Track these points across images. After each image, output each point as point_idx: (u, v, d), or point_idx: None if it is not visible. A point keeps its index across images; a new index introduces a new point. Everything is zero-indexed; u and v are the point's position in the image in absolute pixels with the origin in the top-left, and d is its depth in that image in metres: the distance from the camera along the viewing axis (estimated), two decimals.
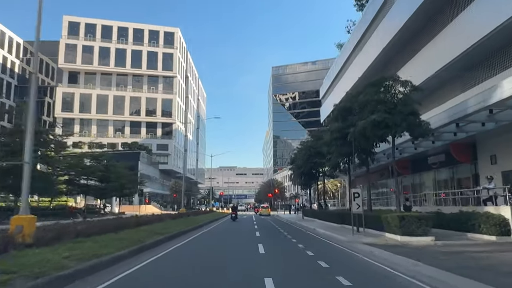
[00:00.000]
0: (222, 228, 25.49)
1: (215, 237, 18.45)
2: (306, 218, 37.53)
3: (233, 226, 27.78)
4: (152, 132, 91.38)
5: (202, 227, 24.99)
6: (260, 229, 24.05)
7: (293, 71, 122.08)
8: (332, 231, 19.51)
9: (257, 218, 41.53)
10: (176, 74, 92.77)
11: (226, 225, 29.07)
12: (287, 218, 40.74)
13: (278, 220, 37.42)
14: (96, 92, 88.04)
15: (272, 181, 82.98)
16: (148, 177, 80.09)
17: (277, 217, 47.15)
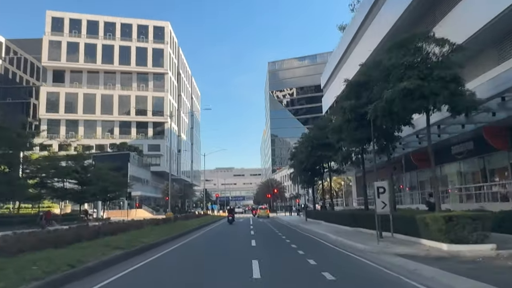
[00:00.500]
0: (210, 235, 21.50)
1: (195, 250, 14.46)
2: (310, 220, 33.57)
3: (225, 232, 23.87)
4: (143, 133, 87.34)
5: (187, 234, 21.02)
6: (257, 235, 20.12)
7: (290, 66, 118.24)
8: (347, 237, 15.55)
9: (255, 221, 37.57)
10: (167, 70, 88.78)
11: (216, 231, 25.09)
12: (288, 220, 36.76)
13: (278, 223, 33.44)
14: (82, 91, 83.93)
15: (271, 181, 79.00)
16: (139, 180, 76.05)
17: (277, 219, 43.22)
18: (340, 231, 19.21)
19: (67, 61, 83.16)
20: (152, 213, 68.09)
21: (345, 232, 18.76)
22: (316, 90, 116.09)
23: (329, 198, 34.09)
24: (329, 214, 26.80)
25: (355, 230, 19.12)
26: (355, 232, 18.42)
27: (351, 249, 12.61)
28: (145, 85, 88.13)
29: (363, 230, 18.10)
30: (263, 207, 50.72)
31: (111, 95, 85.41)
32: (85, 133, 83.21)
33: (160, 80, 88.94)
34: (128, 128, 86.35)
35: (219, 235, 21.28)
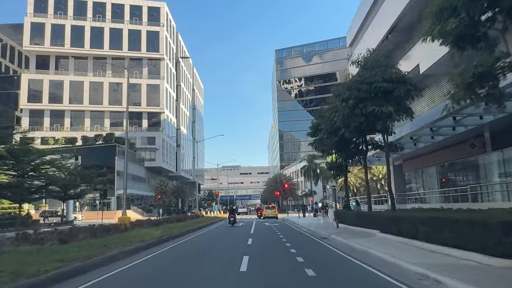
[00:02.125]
0: (154, 264, 10.65)
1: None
2: (346, 226, 21.85)
3: (190, 253, 13.00)
4: (137, 124, 77.08)
5: (109, 263, 10.20)
6: (253, 266, 9.18)
7: (299, 53, 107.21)
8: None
9: (259, 226, 26.84)
10: (164, 55, 78.43)
11: (179, 251, 14.29)
12: (305, 224, 25.73)
13: (292, 231, 22.40)
14: (69, 79, 74.00)
15: (280, 176, 68.04)
16: (128, 176, 65.61)
17: (288, 222, 32.38)
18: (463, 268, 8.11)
19: (51, 46, 73.35)
20: (142, 214, 57.68)
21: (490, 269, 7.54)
22: (327, 79, 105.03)
23: (374, 192, 22.83)
24: (390, 219, 14.21)
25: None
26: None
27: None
28: (139, 72, 77.87)
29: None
30: (271, 206, 39.85)
31: (100, 83, 75.38)
32: (72, 125, 73.30)
33: (155, 66, 78.67)
34: (119, 119, 76.20)
35: (173, 266, 10.34)
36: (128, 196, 66.05)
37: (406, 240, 11.26)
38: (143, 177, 73.23)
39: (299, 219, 35.28)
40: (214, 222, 31.65)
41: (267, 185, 70.90)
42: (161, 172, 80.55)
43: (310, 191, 57.02)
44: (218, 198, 73.79)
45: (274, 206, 39.62)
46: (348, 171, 48.53)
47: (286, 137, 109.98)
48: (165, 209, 63.31)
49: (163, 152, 76.81)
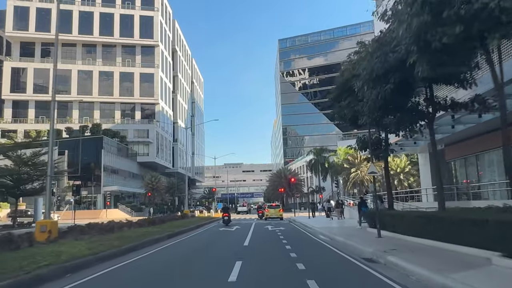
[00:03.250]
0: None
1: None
2: (395, 236, 13.97)
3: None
4: (129, 116, 70.29)
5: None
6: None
7: (303, 43, 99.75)
8: None
9: (259, 230, 19.72)
10: (158, 42, 71.51)
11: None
12: (324, 229, 18.35)
13: (306, 239, 14.80)
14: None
15: (284, 171, 60.67)
16: (116, 171, 58.85)
17: (296, 223, 25.26)
18: None
19: (36, 32, 66.66)
20: (130, 214, 50.79)
21: None
22: (334, 70, 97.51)
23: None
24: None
25: None
26: None
27: None
28: (132, 60, 71.04)
29: None
30: (274, 204, 32.68)
31: (90, 71, 68.58)
32: (59, 116, 66.42)
33: (149, 54, 71.75)
34: (111, 110, 69.46)
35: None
36: (117, 194, 59.40)
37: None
38: (135, 173, 66.43)
39: (309, 220, 28.13)
40: (202, 224, 24.54)
41: (270, 181, 63.51)
42: (157, 168, 73.67)
43: (318, 188, 49.89)
44: (215, 196, 66.54)
45: (278, 205, 32.46)
46: (362, 161, 40.84)
47: (290, 131, 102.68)
48: (158, 208, 56.36)
49: (157, 146, 69.94)
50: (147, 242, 12.77)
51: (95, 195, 54.84)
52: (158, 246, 12.74)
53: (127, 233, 15.19)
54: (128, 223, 18.27)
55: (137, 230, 16.50)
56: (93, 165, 55.37)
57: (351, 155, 48.99)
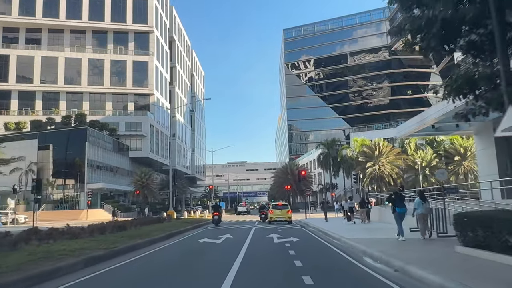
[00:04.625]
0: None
1: None
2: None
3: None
4: (122, 108, 63.41)
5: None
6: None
7: (309, 32, 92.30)
8: None
9: (256, 247, 12.23)
10: (153, 28, 64.62)
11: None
12: (369, 245, 10.92)
13: (364, 282, 7.14)
14: (40, 54, 60.54)
15: (291, 165, 52.98)
16: (102, 167, 51.92)
17: (312, 230, 18.06)
18: None
19: (20, 16, 60.04)
20: (116, 215, 43.63)
21: None
22: (342, 61, 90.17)
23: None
24: None
25: None
26: None
27: None
28: (124, 47, 64.19)
29: None
30: (280, 204, 25.22)
31: (78, 59, 61.73)
32: (45, 108, 59.77)
33: (143, 41, 64.87)
34: (101, 101, 62.65)
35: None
36: (105, 192, 52.44)
37: None
38: (128, 170, 59.46)
39: (326, 224, 20.90)
40: (181, 231, 17.32)
41: (275, 178, 55.80)
42: (152, 165, 66.83)
43: (330, 185, 42.73)
44: (212, 194, 59.23)
45: (286, 205, 24.97)
46: (382, 153, 33.88)
47: (296, 127, 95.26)
48: (151, 207, 49.23)
49: (152, 140, 62.96)
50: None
51: (78, 194, 48.03)
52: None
53: (41, 248, 8.27)
54: (84, 230, 11.47)
55: (65, 244, 9.53)
56: (78, 160, 48.59)
57: (368, 147, 41.63)
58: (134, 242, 11.48)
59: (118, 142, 58.85)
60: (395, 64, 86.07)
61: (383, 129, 53.75)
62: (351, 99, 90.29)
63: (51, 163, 49.06)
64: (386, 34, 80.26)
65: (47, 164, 49.08)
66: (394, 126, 55.49)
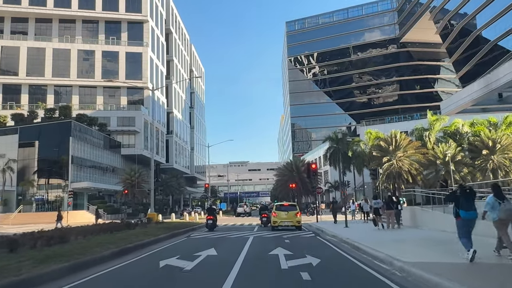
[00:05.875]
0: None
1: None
2: None
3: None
4: (114, 103, 58.46)
5: None
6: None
7: (313, 25, 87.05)
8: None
9: (250, 276, 6.87)
10: (147, 17, 59.69)
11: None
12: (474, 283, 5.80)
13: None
14: (26, 45, 55.71)
15: (296, 161, 47.37)
16: (88, 164, 46.89)
17: (334, 243, 12.69)
18: None
19: (5, 4, 55.27)
20: (102, 217, 38.60)
21: None
22: (347, 55, 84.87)
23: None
24: None
25: None
26: None
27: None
28: (117, 37, 59.26)
29: None
30: (286, 204, 19.67)
31: (67, 50, 56.85)
32: (30, 101, 54.89)
33: (137, 31, 59.92)
34: (92, 95, 57.73)
35: None
36: (93, 192, 47.38)
37: None
38: (118, 168, 54.36)
39: (349, 231, 15.73)
40: (149, 243, 12.10)
41: (278, 176, 50.11)
42: (147, 163, 61.75)
43: (341, 182, 37.56)
44: (208, 193, 53.90)
45: (294, 205, 19.53)
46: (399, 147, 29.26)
47: (299, 124, 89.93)
48: (144, 208, 43.97)
49: (146, 137, 57.89)
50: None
51: (63, 194, 42.99)
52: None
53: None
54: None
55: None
56: (64, 158, 43.58)
57: (384, 140, 36.29)
58: (28, 274, 6.32)
59: (110, 138, 53.88)
60: (404, 57, 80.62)
61: (396, 122, 48.44)
62: (356, 95, 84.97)
63: (33, 161, 44.15)
64: (395, 25, 74.99)
65: (29, 162, 44.17)
66: (409, 119, 50.17)
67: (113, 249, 9.73)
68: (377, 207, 17.63)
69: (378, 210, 17.59)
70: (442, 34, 65.50)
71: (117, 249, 9.73)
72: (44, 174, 44.56)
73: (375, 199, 18.20)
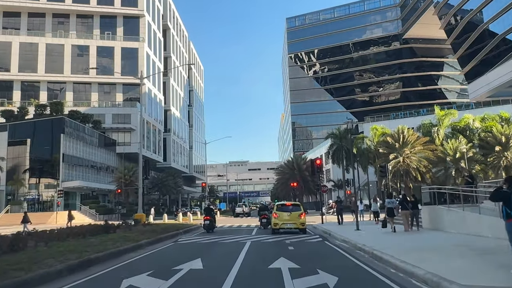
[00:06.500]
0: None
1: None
2: None
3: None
4: (109, 100, 56.36)
5: None
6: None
7: (314, 21, 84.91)
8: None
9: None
10: (144, 12, 57.58)
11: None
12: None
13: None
14: (18, 40, 53.61)
15: (297, 159, 45.04)
16: (82, 163, 44.76)
17: (349, 251, 10.58)
18: None
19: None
20: (94, 218, 36.64)
21: None
22: (348, 51, 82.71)
23: None
24: None
25: None
26: None
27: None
28: (112, 32, 57.14)
29: None
30: (289, 204, 17.44)
31: (61, 45, 54.74)
32: (23, 98, 52.78)
33: (133, 26, 57.80)
34: (86, 92, 55.63)
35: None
36: (86, 191, 45.27)
37: None
38: (113, 167, 52.25)
39: (359, 234, 13.66)
40: (126, 251, 9.99)
41: (279, 174, 47.75)
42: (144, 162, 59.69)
43: (344, 181, 35.46)
44: (205, 192, 51.67)
45: (298, 205, 17.25)
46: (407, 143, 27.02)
47: (300, 122, 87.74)
48: (154, 208, 41.48)
49: (143, 135, 55.62)
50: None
51: (54, 194, 40.88)
52: None
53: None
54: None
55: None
56: (57, 156, 41.47)
57: (391, 136, 34.16)
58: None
59: (104, 136, 51.79)
60: (407, 53, 78.41)
61: (401, 118, 46.27)
62: (357, 92, 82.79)
63: (23, 159, 42.05)
64: (397, 21, 72.83)
65: (19, 160, 42.06)
66: (415, 115, 47.99)
67: (71, 261, 7.60)
68: (391, 207, 15.48)
69: (392, 210, 15.45)
70: (447, 29, 63.35)
71: (76, 262, 7.59)
72: (35, 173, 42.46)
73: (389, 198, 16.05)
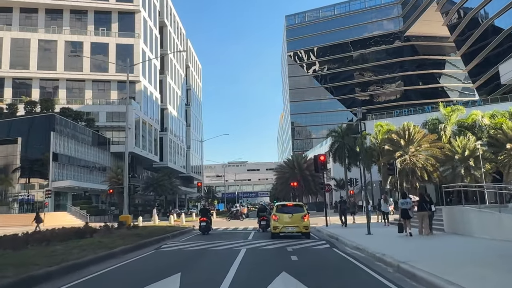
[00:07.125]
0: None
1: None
2: None
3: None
4: (104, 97, 54.47)
5: None
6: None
7: (314, 18, 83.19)
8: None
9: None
10: (139, 7, 55.74)
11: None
12: None
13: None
14: (10, 36, 51.70)
15: (297, 158, 43.04)
16: (73, 162, 42.82)
17: (385, 271, 8.61)
18: None
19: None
20: (85, 219, 34.75)
21: None
22: (348, 49, 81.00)
23: None
24: None
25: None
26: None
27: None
28: (107, 28, 55.27)
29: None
30: (290, 204, 15.52)
31: (54, 41, 52.86)
32: (14, 96, 50.87)
33: (128, 22, 55.95)
34: (80, 89, 53.74)
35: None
36: (78, 192, 43.32)
37: None
38: (108, 166, 50.32)
39: (373, 239, 11.85)
40: (93, 261, 8.19)
41: (278, 174, 45.87)
42: (140, 162, 57.93)
43: (349, 181, 33.66)
44: (201, 192, 49.88)
45: (300, 206, 15.22)
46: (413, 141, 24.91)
47: (299, 121, 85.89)
48: (157, 208, 39.56)
49: (137, 133, 53.85)
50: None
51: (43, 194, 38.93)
52: None
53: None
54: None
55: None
56: (47, 155, 39.58)
57: (397, 133, 32.34)
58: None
59: (98, 134, 49.90)
60: (408, 51, 76.71)
61: (406, 115, 44.46)
62: (357, 91, 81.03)
63: (12, 158, 40.16)
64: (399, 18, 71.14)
65: (7, 159, 40.17)
66: (420, 112, 46.21)
67: (6, 279, 5.72)
68: (405, 208, 13.65)
69: (407, 211, 13.62)
70: (450, 26, 61.69)
71: (11, 281, 5.70)
72: (25, 172, 40.52)
73: (403, 198, 14.20)
